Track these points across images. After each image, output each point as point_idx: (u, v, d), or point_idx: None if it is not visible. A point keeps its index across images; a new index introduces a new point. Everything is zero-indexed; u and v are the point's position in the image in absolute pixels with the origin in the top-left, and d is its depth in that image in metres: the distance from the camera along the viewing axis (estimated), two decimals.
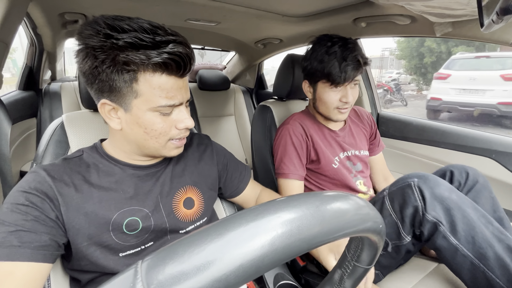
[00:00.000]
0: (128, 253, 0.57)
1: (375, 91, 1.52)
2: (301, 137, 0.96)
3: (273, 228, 0.21)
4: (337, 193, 0.27)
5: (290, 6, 1.14)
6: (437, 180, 0.74)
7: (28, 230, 0.48)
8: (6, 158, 0.84)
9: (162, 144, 0.57)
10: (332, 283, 0.37)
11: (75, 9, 1.17)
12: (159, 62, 0.49)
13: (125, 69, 0.49)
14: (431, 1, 0.74)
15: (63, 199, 0.52)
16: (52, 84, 1.74)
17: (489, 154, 1.07)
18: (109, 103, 0.54)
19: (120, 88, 0.51)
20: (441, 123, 1.26)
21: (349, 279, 0.35)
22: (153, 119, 0.54)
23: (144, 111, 0.53)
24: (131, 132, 0.56)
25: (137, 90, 0.51)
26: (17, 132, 1.43)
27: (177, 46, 0.50)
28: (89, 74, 0.52)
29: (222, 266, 0.19)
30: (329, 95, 0.90)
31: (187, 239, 0.20)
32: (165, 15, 1.26)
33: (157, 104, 0.52)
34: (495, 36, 0.86)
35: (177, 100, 0.54)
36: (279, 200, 0.24)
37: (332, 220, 0.24)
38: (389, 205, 0.79)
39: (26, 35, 1.45)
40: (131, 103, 0.53)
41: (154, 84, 0.51)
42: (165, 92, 0.52)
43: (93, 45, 0.48)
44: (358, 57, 0.85)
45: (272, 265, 0.20)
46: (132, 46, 0.48)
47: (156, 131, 0.55)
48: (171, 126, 0.56)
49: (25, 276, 0.46)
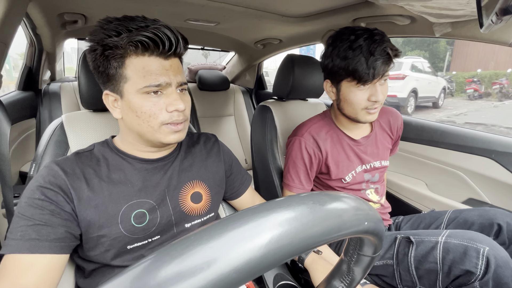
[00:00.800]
0: (135, 246, 0.59)
1: None
2: (313, 153, 0.89)
3: (272, 227, 0.21)
4: (337, 193, 0.27)
5: (290, 7, 1.14)
6: (507, 262, 0.66)
7: (45, 223, 0.51)
8: (5, 158, 0.84)
9: (155, 128, 0.58)
10: (340, 273, 0.37)
11: (74, 9, 1.17)
12: (139, 40, 0.52)
13: (113, 55, 0.53)
14: (430, 2, 0.75)
15: (75, 192, 0.55)
16: (52, 84, 1.74)
17: (488, 154, 1.07)
18: (110, 93, 0.58)
19: (113, 76, 0.56)
20: (440, 123, 1.26)
21: (357, 267, 0.35)
22: (141, 101, 0.56)
23: (133, 94, 0.56)
24: (128, 119, 0.59)
25: (125, 75, 0.55)
26: (16, 133, 1.42)
27: (157, 29, 0.53)
28: (93, 69, 0.58)
29: (220, 266, 0.19)
30: (355, 95, 0.80)
31: (186, 239, 0.20)
32: (165, 15, 1.26)
33: (142, 85, 0.55)
34: (495, 36, 0.86)
35: (162, 81, 0.55)
36: (279, 200, 0.24)
37: (331, 220, 0.24)
38: (440, 253, 0.72)
39: (26, 36, 1.45)
40: (123, 89, 0.56)
41: (138, 66, 0.54)
42: (149, 73, 0.55)
43: (92, 39, 0.54)
44: (387, 49, 0.75)
45: (271, 266, 0.20)
46: (117, 33, 0.52)
47: (146, 114, 0.56)
48: (161, 109, 0.57)
49: (45, 267, 0.50)
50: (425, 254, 0.74)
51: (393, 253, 0.80)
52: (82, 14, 1.21)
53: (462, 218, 0.89)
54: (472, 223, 0.86)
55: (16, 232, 0.50)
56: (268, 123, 1.11)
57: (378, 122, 0.97)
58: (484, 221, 0.84)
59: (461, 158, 1.14)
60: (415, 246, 0.76)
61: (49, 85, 1.73)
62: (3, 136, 0.85)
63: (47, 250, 0.50)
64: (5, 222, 0.92)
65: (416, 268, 0.75)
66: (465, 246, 0.69)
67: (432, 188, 1.26)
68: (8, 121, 0.88)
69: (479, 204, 1.10)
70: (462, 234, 0.73)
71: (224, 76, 2.20)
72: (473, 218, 0.87)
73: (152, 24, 0.54)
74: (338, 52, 0.79)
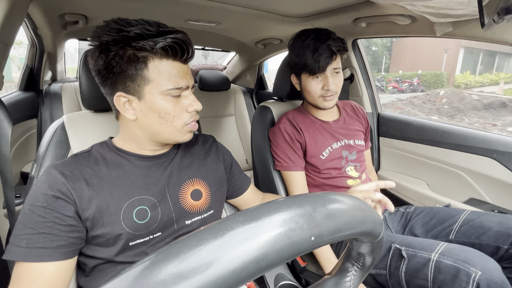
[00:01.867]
0: (137, 242, 0.59)
1: (375, 91, 1.51)
2: (292, 132, 1.00)
3: (273, 228, 0.21)
4: (339, 194, 0.27)
5: (290, 7, 1.14)
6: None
7: (49, 232, 0.52)
8: (6, 159, 0.84)
9: (178, 129, 0.61)
10: (350, 258, 0.37)
11: (75, 10, 1.17)
12: (165, 46, 0.55)
13: (136, 57, 0.55)
14: (431, 1, 0.74)
15: (76, 193, 0.55)
16: (53, 85, 1.75)
17: (490, 154, 1.06)
18: (124, 95, 0.58)
19: (133, 77, 0.56)
20: (441, 123, 1.26)
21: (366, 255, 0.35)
22: (164, 103, 0.58)
23: (156, 96, 0.58)
24: (146, 120, 0.60)
25: (148, 77, 0.56)
26: (17, 133, 1.43)
27: (178, 34, 0.57)
28: (103, 70, 0.57)
29: (221, 266, 0.18)
30: (311, 85, 0.96)
31: (187, 238, 0.20)
32: (165, 15, 1.26)
33: (167, 88, 0.57)
34: (496, 36, 0.85)
35: (183, 84, 0.59)
36: (280, 201, 0.24)
37: (332, 222, 0.23)
38: (431, 272, 0.70)
39: (27, 36, 1.46)
40: (143, 90, 0.57)
41: (162, 69, 0.57)
42: (172, 76, 0.58)
43: (107, 40, 0.54)
44: (331, 46, 0.89)
45: (271, 266, 0.20)
46: (141, 36, 0.54)
47: (170, 115, 0.59)
48: (182, 110, 0.61)
49: (54, 273, 0.52)
50: (416, 270, 0.73)
51: (386, 263, 0.79)
52: (83, 14, 1.22)
53: (479, 222, 0.84)
54: (488, 228, 0.82)
55: (21, 239, 0.51)
56: (268, 123, 1.11)
57: (344, 109, 1.11)
58: (503, 230, 0.79)
59: (463, 158, 1.14)
60: (407, 261, 0.75)
61: (50, 85, 1.74)
62: (5, 136, 0.85)
63: (54, 258, 0.52)
64: (7, 222, 0.92)
65: (407, 282, 0.75)
66: (457, 269, 0.66)
67: (434, 188, 1.25)
68: (9, 121, 0.88)
69: (480, 204, 1.09)
70: (458, 253, 0.69)
71: (225, 76, 2.20)
72: (491, 224, 0.82)
73: (174, 30, 0.57)
74: (295, 50, 0.96)
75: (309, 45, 0.91)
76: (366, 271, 0.37)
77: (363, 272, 0.37)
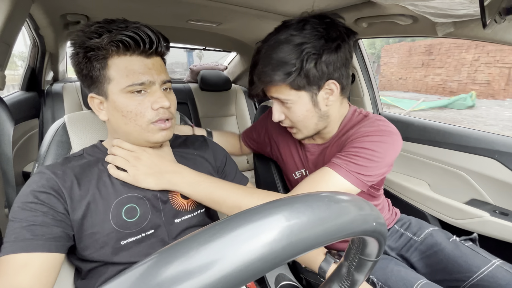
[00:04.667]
0: (129, 241, 0.58)
1: (376, 92, 1.51)
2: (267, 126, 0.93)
3: (275, 227, 0.21)
4: (342, 193, 0.27)
5: (291, 7, 1.14)
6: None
7: (39, 224, 0.51)
8: (8, 158, 0.84)
9: (143, 127, 0.59)
10: (340, 276, 0.37)
11: (77, 10, 1.17)
12: (120, 39, 0.53)
13: (95, 56, 0.55)
14: (433, 1, 0.74)
15: (67, 192, 0.55)
16: (54, 85, 1.75)
17: (491, 155, 1.06)
18: (95, 96, 0.59)
19: (97, 78, 0.57)
20: (443, 123, 1.26)
21: (357, 272, 0.35)
22: (126, 101, 0.57)
23: (117, 94, 0.57)
24: (113, 119, 0.60)
25: (109, 76, 0.56)
26: (19, 133, 1.43)
27: (137, 28, 0.55)
28: (77, 73, 0.59)
29: (224, 266, 0.18)
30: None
31: (190, 238, 0.20)
32: (167, 16, 1.26)
33: (126, 84, 0.56)
34: (498, 36, 0.85)
35: (145, 79, 0.56)
36: (283, 199, 0.24)
37: (334, 220, 0.23)
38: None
39: (29, 36, 1.46)
40: (107, 90, 0.57)
41: (121, 66, 0.56)
42: (131, 72, 0.56)
43: (74, 43, 0.56)
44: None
45: (273, 266, 0.20)
46: (99, 35, 0.54)
47: (131, 113, 0.57)
48: (147, 107, 0.58)
49: (40, 266, 0.49)
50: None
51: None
52: (85, 15, 1.22)
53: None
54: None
55: (11, 235, 0.50)
56: None
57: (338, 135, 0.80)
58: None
59: (464, 158, 1.13)
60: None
61: (51, 85, 1.74)
62: (7, 136, 0.85)
63: (41, 249, 0.50)
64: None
65: None
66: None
67: (435, 188, 1.25)
68: (11, 121, 0.88)
69: (482, 204, 1.09)
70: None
71: (226, 76, 2.20)
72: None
73: (133, 25, 0.56)
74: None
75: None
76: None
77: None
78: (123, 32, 0.53)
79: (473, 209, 1.06)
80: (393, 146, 0.70)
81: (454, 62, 8.93)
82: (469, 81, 8.56)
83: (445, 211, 1.16)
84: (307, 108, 0.70)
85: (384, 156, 0.68)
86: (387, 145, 0.69)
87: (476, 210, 1.05)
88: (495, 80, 8.02)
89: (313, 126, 0.74)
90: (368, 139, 0.69)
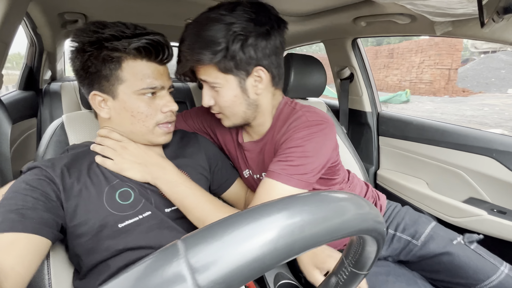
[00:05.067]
0: (126, 224, 0.58)
1: (375, 90, 1.51)
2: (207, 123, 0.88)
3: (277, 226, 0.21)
4: (342, 192, 0.27)
5: (290, 5, 1.14)
6: None
7: (29, 208, 0.50)
8: (6, 158, 0.84)
9: (150, 129, 0.62)
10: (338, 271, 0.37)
11: (74, 9, 1.17)
12: (139, 46, 0.57)
13: (110, 57, 0.57)
14: (431, 0, 0.74)
15: (60, 181, 0.56)
16: (52, 84, 1.74)
17: (489, 153, 1.07)
18: (99, 93, 0.61)
19: (107, 77, 0.59)
20: (441, 122, 1.26)
21: (345, 286, 0.35)
22: (138, 102, 0.60)
23: (129, 95, 0.60)
24: (119, 118, 0.62)
25: (122, 77, 0.59)
26: (17, 132, 1.43)
27: (154, 36, 0.59)
28: (80, 70, 0.60)
29: (221, 266, 0.19)
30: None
31: (188, 237, 0.20)
32: (166, 15, 1.26)
33: (140, 87, 0.59)
34: (496, 35, 0.85)
35: (158, 84, 0.61)
36: (285, 199, 0.24)
37: (335, 219, 0.24)
38: None
39: (26, 35, 1.45)
40: (117, 90, 0.60)
41: (136, 69, 0.59)
42: (146, 76, 0.59)
43: (82, 41, 0.57)
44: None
45: (271, 266, 0.20)
46: (115, 37, 0.56)
47: (143, 114, 0.61)
48: (157, 110, 0.62)
49: (25, 247, 0.48)
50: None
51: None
52: (83, 13, 1.21)
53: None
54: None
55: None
56: None
57: (272, 130, 0.77)
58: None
59: (462, 157, 1.14)
60: None
61: (49, 84, 1.73)
62: (4, 135, 0.85)
63: (30, 230, 0.49)
64: None
65: None
66: None
67: (433, 187, 1.25)
68: (9, 120, 0.88)
69: (480, 203, 1.09)
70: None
71: None
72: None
73: (150, 32, 0.59)
74: None
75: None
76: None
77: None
78: (145, 39, 0.57)
79: (471, 207, 1.07)
80: (325, 136, 0.69)
81: (407, 64, 10.68)
82: (418, 81, 10.35)
83: (443, 209, 1.16)
84: (235, 93, 0.68)
85: (318, 149, 0.67)
86: (318, 138, 0.67)
87: (474, 209, 1.05)
88: (436, 80, 9.72)
89: (241, 114, 0.72)
90: (298, 135, 0.67)
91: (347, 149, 1.27)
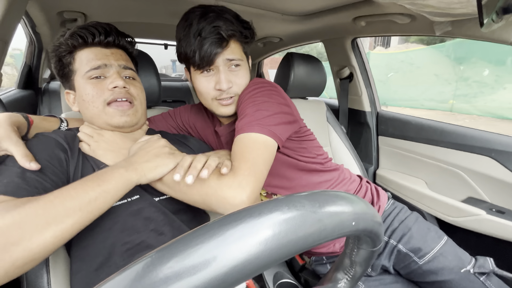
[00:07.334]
0: (115, 205, 0.57)
1: (374, 90, 1.52)
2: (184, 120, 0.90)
3: (272, 226, 0.21)
4: (336, 192, 0.27)
5: (290, 5, 1.14)
6: None
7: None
8: None
9: (100, 109, 0.64)
10: (343, 267, 0.38)
11: (73, 7, 1.16)
12: (76, 32, 0.63)
13: (62, 53, 0.64)
14: (431, 0, 0.74)
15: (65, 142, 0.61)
16: (51, 83, 1.74)
17: (488, 153, 1.07)
18: (68, 91, 0.67)
19: (67, 73, 0.65)
20: (440, 122, 1.26)
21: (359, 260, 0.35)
22: (85, 86, 0.64)
23: (79, 82, 0.64)
24: (80, 107, 0.66)
25: (75, 69, 0.65)
26: None
27: (94, 25, 0.64)
28: (57, 76, 0.68)
29: (221, 264, 0.19)
30: (200, 83, 0.71)
31: (186, 236, 0.20)
32: (165, 14, 1.26)
33: (85, 70, 0.63)
34: (495, 35, 0.85)
35: (100, 63, 0.64)
36: (279, 199, 0.24)
37: (330, 219, 0.24)
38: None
39: (25, 34, 1.45)
40: (74, 82, 0.65)
41: (83, 57, 0.64)
42: (90, 59, 0.64)
43: (50, 51, 0.66)
44: (220, 29, 0.64)
45: (271, 263, 0.20)
46: (62, 35, 0.64)
47: (89, 95, 0.63)
48: (103, 89, 0.64)
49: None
50: None
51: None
52: (82, 12, 1.21)
53: None
54: None
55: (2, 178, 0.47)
56: None
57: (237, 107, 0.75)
58: None
59: (461, 157, 1.14)
60: None
61: (49, 83, 1.73)
62: None
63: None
64: None
65: None
66: None
67: (432, 187, 1.26)
68: None
69: (479, 203, 1.10)
70: None
71: None
72: None
73: (95, 22, 0.65)
74: (178, 34, 0.71)
75: (191, 26, 0.66)
76: (356, 282, 0.37)
77: (352, 283, 0.37)
78: (80, 28, 0.63)
79: (469, 207, 1.07)
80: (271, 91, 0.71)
81: None
82: None
83: (442, 209, 1.16)
84: (248, 73, 0.75)
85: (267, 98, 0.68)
86: (265, 91, 0.70)
87: (473, 208, 1.06)
88: None
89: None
90: (246, 91, 0.71)
91: (347, 148, 1.27)
